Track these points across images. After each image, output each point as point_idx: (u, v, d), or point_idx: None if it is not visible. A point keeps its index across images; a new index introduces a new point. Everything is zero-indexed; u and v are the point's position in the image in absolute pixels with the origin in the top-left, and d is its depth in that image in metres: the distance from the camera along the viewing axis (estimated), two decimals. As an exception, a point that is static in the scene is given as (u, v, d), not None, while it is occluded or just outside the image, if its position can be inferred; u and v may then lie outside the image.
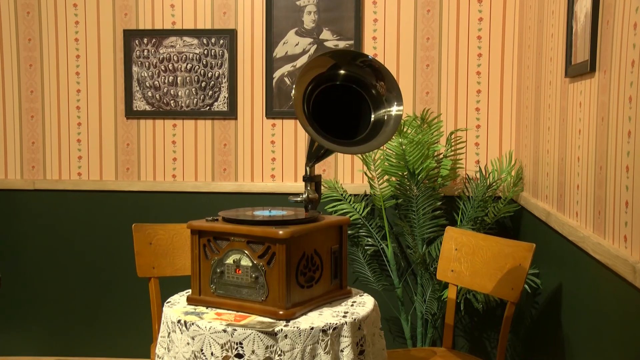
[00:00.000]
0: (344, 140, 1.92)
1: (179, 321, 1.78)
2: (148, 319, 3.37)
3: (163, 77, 3.29)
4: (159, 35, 3.27)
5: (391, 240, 3.10)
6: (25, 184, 3.41)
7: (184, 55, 3.27)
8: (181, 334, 1.76)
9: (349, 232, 3.08)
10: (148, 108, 3.31)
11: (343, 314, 1.82)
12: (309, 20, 3.18)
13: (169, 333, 1.83)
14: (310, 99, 1.90)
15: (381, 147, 2.93)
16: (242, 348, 1.68)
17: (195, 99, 3.28)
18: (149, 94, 3.30)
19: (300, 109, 1.84)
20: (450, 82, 3.16)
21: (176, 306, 1.91)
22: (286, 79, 3.22)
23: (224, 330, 1.70)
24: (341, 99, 1.97)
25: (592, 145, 1.88)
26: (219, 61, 3.25)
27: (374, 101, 1.96)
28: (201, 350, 1.71)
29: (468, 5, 3.12)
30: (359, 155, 3.12)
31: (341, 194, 3.08)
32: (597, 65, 1.84)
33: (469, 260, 2.37)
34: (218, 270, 1.87)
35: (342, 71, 1.95)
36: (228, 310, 1.84)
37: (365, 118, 1.97)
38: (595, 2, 1.84)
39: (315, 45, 3.19)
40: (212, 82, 3.26)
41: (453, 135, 3.12)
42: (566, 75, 2.16)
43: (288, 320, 1.75)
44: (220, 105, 3.26)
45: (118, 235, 3.37)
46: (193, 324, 1.74)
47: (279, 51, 3.22)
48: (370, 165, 3.05)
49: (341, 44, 3.18)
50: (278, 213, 1.96)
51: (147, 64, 3.29)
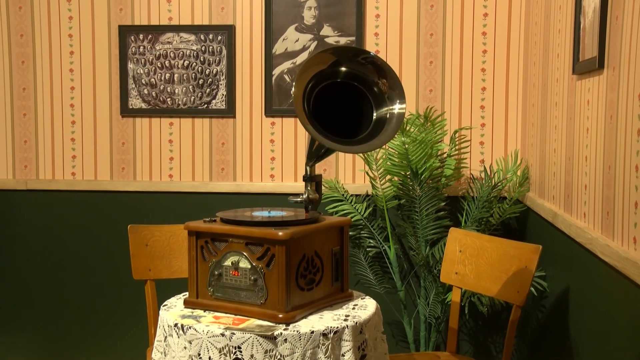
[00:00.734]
0: (345, 139, 1.92)
1: (175, 325, 1.77)
2: (144, 322, 3.37)
3: (159, 74, 3.29)
4: (155, 31, 3.27)
5: (393, 242, 3.10)
6: (17, 184, 3.41)
7: (181, 52, 3.27)
8: (178, 338, 1.76)
9: (351, 234, 3.09)
10: (144, 106, 3.31)
11: (344, 318, 1.82)
12: (309, 16, 3.18)
13: (166, 337, 1.83)
14: (311, 96, 1.90)
15: (383, 146, 2.93)
16: (241, 352, 1.68)
17: (193, 97, 3.28)
18: (145, 91, 3.30)
19: (300, 107, 1.84)
20: (455, 80, 3.15)
21: (173, 309, 1.91)
22: (286, 76, 3.22)
23: (222, 334, 1.70)
24: (342, 97, 1.97)
25: (601, 144, 1.88)
26: (217, 58, 3.25)
27: (376, 99, 1.96)
28: (199, 354, 1.71)
29: (473, 0, 3.12)
30: (361, 154, 3.12)
31: (342, 194, 3.08)
32: (606, 62, 1.84)
33: (474, 263, 2.37)
34: (216, 272, 1.87)
35: (343, 68, 1.95)
36: (226, 313, 1.84)
37: (367, 116, 1.97)
38: (604, -3, 1.84)
39: (315, 42, 3.19)
40: (210, 80, 3.26)
41: (457, 134, 3.11)
42: (574, 72, 2.16)
43: (288, 324, 1.75)
44: (218, 103, 3.26)
45: (113, 237, 3.37)
46: (190, 328, 1.74)
47: (278, 48, 3.22)
48: (372, 164, 3.05)
49: (342, 41, 3.18)
50: (277, 214, 1.96)
51: (143, 60, 3.29)
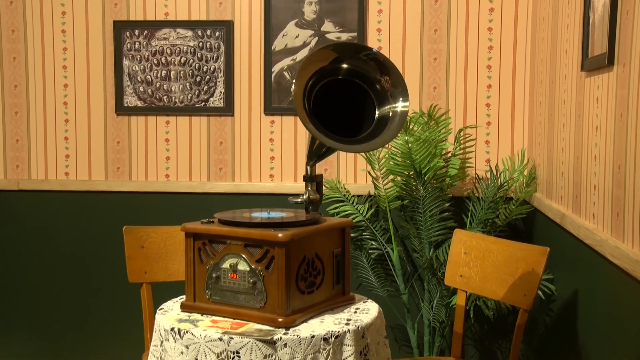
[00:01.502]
0: (347, 137, 1.92)
1: (172, 329, 1.77)
2: (139, 326, 3.37)
3: (155, 71, 3.29)
4: (151, 26, 3.27)
5: (396, 244, 3.10)
6: (9, 184, 3.41)
7: (178, 48, 3.27)
8: (175, 342, 1.76)
9: (352, 235, 3.08)
10: (139, 104, 3.31)
11: (346, 322, 1.82)
12: (309, 11, 3.18)
13: (162, 342, 1.82)
14: (311, 94, 1.90)
15: (386, 146, 2.93)
16: (239, 357, 1.68)
17: (190, 95, 3.28)
18: (141, 89, 3.30)
19: (301, 105, 1.84)
20: (459, 77, 3.15)
21: (169, 313, 1.91)
22: (286, 74, 3.22)
23: (220, 339, 1.70)
24: (344, 95, 1.97)
25: (610, 143, 1.88)
26: (215, 54, 3.25)
27: (379, 97, 1.96)
28: (196, 359, 1.71)
29: (478, -5, 3.12)
30: (363, 153, 3.12)
31: (344, 195, 3.08)
32: (616, 58, 1.84)
33: (479, 265, 2.37)
34: (214, 275, 1.86)
35: (345, 65, 1.94)
36: (224, 317, 1.84)
37: (369, 114, 1.97)
38: (613, -8, 1.84)
39: (316, 38, 3.19)
40: (208, 77, 3.26)
41: (462, 133, 3.11)
42: (582, 69, 2.15)
43: (288, 328, 1.75)
44: (216, 100, 3.26)
45: (108, 239, 3.37)
46: (187, 332, 1.74)
47: (278, 44, 3.22)
48: (375, 164, 3.05)
49: (344, 36, 3.18)
50: (277, 215, 1.96)
51: (139, 57, 3.29)
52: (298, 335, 1.71)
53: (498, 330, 3.20)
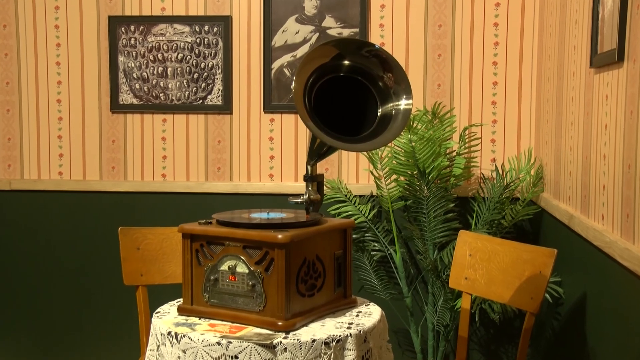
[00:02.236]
0: (349, 136, 1.92)
1: (169, 333, 1.78)
2: (135, 330, 3.37)
3: (152, 68, 3.29)
4: (147, 22, 3.27)
5: (399, 245, 3.10)
6: (0, 184, 3.41)
7: (175, 44, 3.27)
8: (171, 347, 1.76)
9: (354, 236, 3.08)
10: (135, 101, 3.31)
11: (347, 325, 1.82)
12: (310, 6, 3.18)
13: (158, 346, 1.83)
14: (312, 91, 1.90)
15: (389, 144, 2.93)
16: (238, 362, 1.68)
17: (187, 92, 3.28)
18: (137, 86, 3.30)
19: (301, 103, 1.84)
20: (464, 74, 3.15)
21: (166, 317, 1.91)
22: (286, 70, 3.22)
23: (218, 343, 1.70)
24: (345, 92, 1.97)
25: (620, 141, 1.88)
26: (213, 51, 3.25)
27: (381, 94, 1.96)
28: (193, 364, 1.71)
29: (483, -10, 3.12)
30: (365, 153, 3.12)
31: (345, 195, 3.08)
32: (626, 54, 1.84)
33: (485, 267, 2.37)
34: (212, 277, 1.87)
35: (347, 62, 1.95)
36: (222, 321, 1.84)
37: (371, 112, 1.97)
38: (623, -14, 1.84)
39: (317, 34, 3.20)
40: (205, 74, 3.26)
41: (467, 131, 3.11)
42: (591, 66, 2.15)
43: (288, 332, 1.75)
44: (214, 98, 3.27)
45: (103, 240, 3.37)
46: (184, 336, 1.74)
47: (277, 40, 3.22)
48: (377, 163, 3.05)
49: (345, 32, 3.18)
50: (277, 215, 1.96)
51: (135, 53, 3.29)
52: (298, 340, 1.71)
53: (504, 335, 3.20)
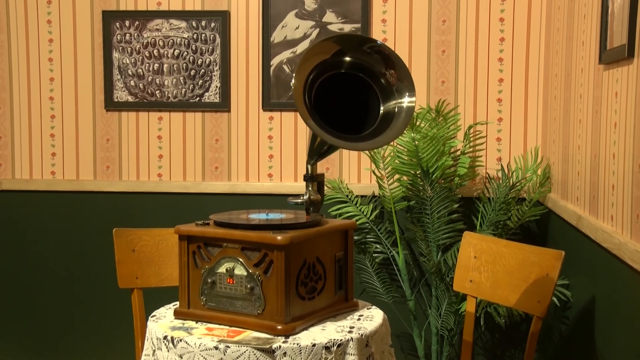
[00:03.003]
0: (350, 135, 1.92)
1: (165, 337, 1.77)
2: (130, 334, 3.37)
3: (147, 65, 3.29)
4: (143, 17, 3.27)
5: (402, 247, 3.10)
6: (-8, 184, 3.42)
7: (171, 40, 3.27)
8: (168, 351, 1.76)
9: (356, 238, 3.08)
10: (130, 99, 3.31)
11: (348, 329, 1.82)
12: (310, 1, 3.18)
13: (154, 351, 1.82)
14: (312, 89, 1.90)
15: (391, 143, 2.93)
16: (236, 368, 1.68)
17: (184, 89, 3.28)
18: (132, 83, 3.30)
19: (301, 100, 1.84)
20: (469, 70, 3.15)
21: (162, 320, 1.91)
22: (285, 67, 3.22)
23: (216, 347, 1.70)
24: (346, 89, 1.97)
25: (630, 140, 1.87)
26: (210, 47, 3.25)
27: (383, 91, 1.96)
28: (190, 370, 1.71)
29: (489, -16, 3.12)
30: (367, 152, 3.12)
31: (346, 195, 3.08)
32: (636, 50, 1.84)
33: (490, 270, 2.37)
34: (209, 280, 1.86)
35: (348, 58, 1.95)
36: (220, 324, 1.85)
37: (373, 110, 1.97)
38: (633, -20, 1.84)
39: (317, 29, 3.19)
40: (203, 70, 3.26)
41: (472, 130, 3.11)
42: (600, 62, 2.15)
43: (287, 336, 1.75)
44: (212, 96, 3.26)
45: (97, 242, 3.37)
46: (181, 341, 1.74)
47: (277, 36, 3.22)
48: (379, 163, 3.05)
49: (346, 28, 3.18)
50: (276, 216, 1.96)
51: (130, 49, 3.29)
52: (298, 344, 1.70)
53: (510, 339, 3.20)
